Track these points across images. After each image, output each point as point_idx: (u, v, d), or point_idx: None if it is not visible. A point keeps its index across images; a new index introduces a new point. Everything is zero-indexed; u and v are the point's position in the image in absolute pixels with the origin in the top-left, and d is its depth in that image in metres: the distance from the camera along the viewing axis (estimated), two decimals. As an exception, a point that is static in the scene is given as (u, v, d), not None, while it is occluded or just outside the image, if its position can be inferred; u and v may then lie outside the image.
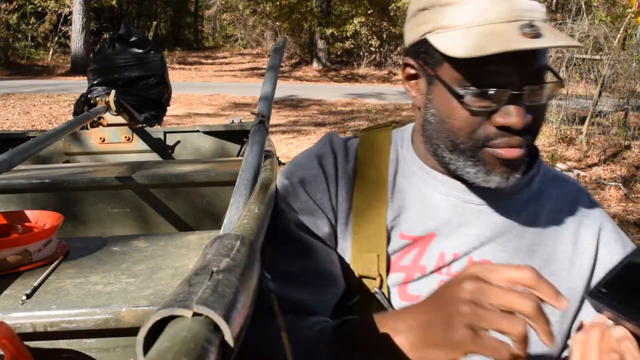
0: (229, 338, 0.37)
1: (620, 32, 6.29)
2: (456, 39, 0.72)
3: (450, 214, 0.83)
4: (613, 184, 5.17)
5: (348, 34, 16.90)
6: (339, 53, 18.75)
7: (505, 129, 0.74)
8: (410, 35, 0.81)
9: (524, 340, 0.55)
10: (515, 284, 0.57)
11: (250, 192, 0.86)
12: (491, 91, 0.72)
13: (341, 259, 0.82)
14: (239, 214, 0.78)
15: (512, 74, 0.72)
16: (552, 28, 0.72)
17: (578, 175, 5.35)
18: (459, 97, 0.74)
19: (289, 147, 7.31)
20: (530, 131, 0.75)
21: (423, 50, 0.78)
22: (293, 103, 11.26)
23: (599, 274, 0.82)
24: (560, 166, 5.50)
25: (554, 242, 0.84)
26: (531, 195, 0.86)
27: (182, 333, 0.35)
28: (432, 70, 0.77)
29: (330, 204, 0.84)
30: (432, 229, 0.83)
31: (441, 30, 0.74)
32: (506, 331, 0.55)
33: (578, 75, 6.57)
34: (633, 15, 5.61)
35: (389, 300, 0.79)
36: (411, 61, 0.82)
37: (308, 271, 0.78)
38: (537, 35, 0.69)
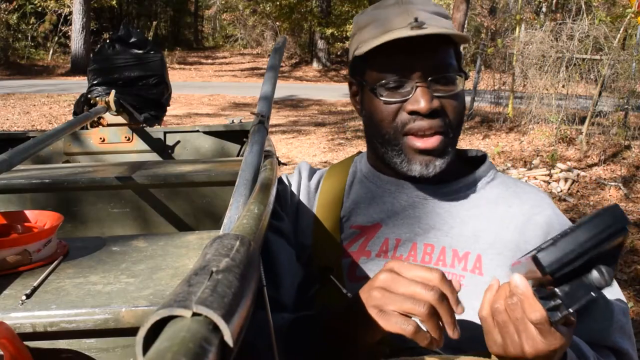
0: (228, 338, 0.37)
1: (620, 32, 6.28)
2: (367, 46, 0.88)
3: (396, 207, 0.94)
4: (613, 184, 5.17)
5: (348, 34, 16.88)
6: (339, 53, 18.75)
7: (416, 114, 0.87)
8: (350, 58, 0.99)
9: (430, 319, 0.64)
10: (423, 280, 0.66)
11: (250, 192, 0.86)
12: (396, 82, 0.87)
13: (304, 254, 0.95)
14: (239, 214, 0.78)
15: (414, 68, 0.86)
16: (441, 28, 0.86)
17: (578, 175, 5.35)
18: (375, 91, 0.89)
19: (289, 147, 7.30)
20: (442, 117, 0.87)
21: (355, 66, 0.95)
22: (293, 103, 11.26)
23: None
24: (560, 166, 5.50)
25: (499, 229, 0.91)
26: (478, 192, 0.95)
27: (181, 333, 0.35)
28: (361, 78, 0.94)
29: (293, 210, 0.99)
30: (378, 220, 0.94)
31: (361, 45, 0.91)
32: (410, 312, 0.65)
33: (578, 75, 6.57)
34: (633, 15, 5.61)
35: (343, 284, 0.89)
36: (352, 79, 0.99)
37: (271, 267, 0.91)
38: (421, 28, 0.83)
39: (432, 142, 0.87)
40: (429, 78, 0.86)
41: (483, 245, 0.89)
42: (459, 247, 0.89)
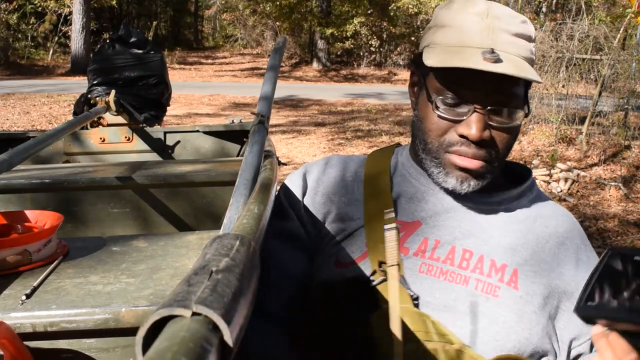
0: (228, 338, 0.37)
1: (620, 32, 6.28)
2: (435, 54, 0.86)
3: (438, 208, 0.94)
4: (613, 184, 5.17)
5: (348, 34, 16.88)
6: (339, 53, 18.75)
7: (465, 139, 0.86)
8: (419, 48, 0.95)
9: None
10: None
11: (250, 192, 0.86)
12: (455, 100, 0.85)
13: (358, 246, 0.92)
14: (239, 213, 0.78)
15: (478, 93, 0.84)
16: (520, 61, 0.83)
17: (578, 175, 5.35)
18: (432, 102, 0.87)
19: (289, 147, 7.30)
20: (490, 147, 0.87)
21: (421, 61, 0.89)
22: (293, 103, 11.26)
23: (575, 294, 0.88)
24: (560, 166, 5.50)
25: (535, 246, 0.92)
26: (519, 208, 0.96)
27: (181, 333, 0.35)
28: (422, 78, 0.92)
29: (303, 210, 0.97)
30: (419, 218, 0.93)
31: (432, 46, 0.89)
32: None
33: (578, 75, 6.56)
34: (633, 15, 5.61)
35: (405, 280, 0.88)
36: (414, 69, 0.97)
37: (268, 270, 0.90)
38: (497, 61, 0.80)
39: (474, 163, 0.87)
40: (488, 107, 0.84)
41: (519, 260, 0.89)
42: (497, 258, 0.89)
